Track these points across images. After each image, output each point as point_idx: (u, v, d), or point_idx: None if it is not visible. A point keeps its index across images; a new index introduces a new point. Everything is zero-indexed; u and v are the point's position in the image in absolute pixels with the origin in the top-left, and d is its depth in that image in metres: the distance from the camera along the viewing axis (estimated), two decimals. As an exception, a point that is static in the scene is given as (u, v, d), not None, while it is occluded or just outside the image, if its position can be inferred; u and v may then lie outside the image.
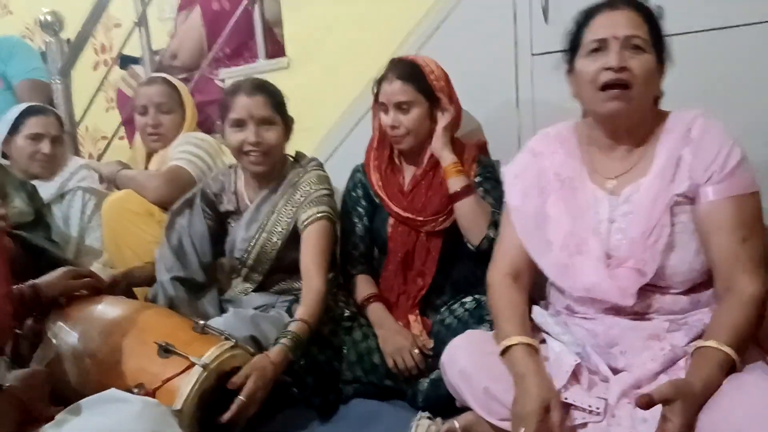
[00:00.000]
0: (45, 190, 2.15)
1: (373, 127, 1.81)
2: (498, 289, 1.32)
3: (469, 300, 1.58)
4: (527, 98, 1.81)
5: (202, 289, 1.78)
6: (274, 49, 2.43)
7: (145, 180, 2.02)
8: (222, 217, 1.83)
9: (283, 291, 1.79)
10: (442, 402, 1.40)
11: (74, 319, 1.46)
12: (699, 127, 1.19)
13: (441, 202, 1.68)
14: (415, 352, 1.56)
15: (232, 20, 2.42)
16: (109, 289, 1.66)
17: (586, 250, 1.23)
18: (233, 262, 1.80)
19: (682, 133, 1.20)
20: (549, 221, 1.29)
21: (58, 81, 2.71)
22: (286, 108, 1.75)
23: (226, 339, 1.36)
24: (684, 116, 1.23)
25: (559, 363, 1.19)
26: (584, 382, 1.17)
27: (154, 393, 1.23)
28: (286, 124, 1.74)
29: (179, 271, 1.74)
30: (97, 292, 1.59)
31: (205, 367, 1.26)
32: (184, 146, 2.10)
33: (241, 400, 1.29)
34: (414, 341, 1.59)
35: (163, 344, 1.30)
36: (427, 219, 1.68)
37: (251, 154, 1.68)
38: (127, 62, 2.93)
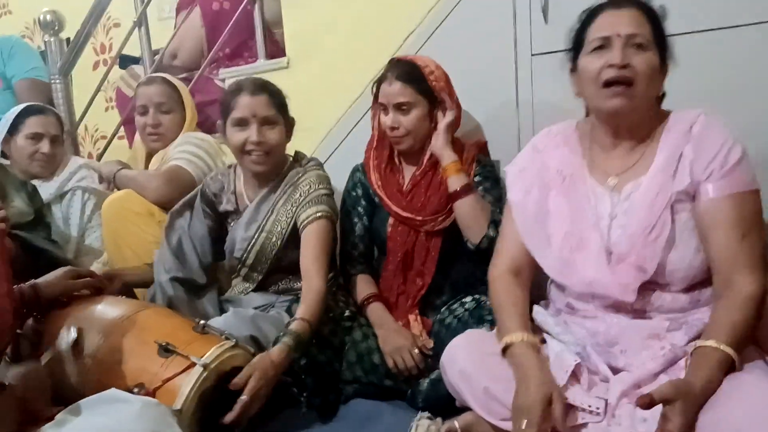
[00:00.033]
0: (45, 190, 2.16)
1: (373, 127, 1.81)
2: (499, 285, 1.33)
3: (469, 300, 1.58)
4: (527, 98, 1.81)
5: (202, 290, 1.78)
6: (273, 49, 2.43)
7: (145, 180, 2.02)
8: (222, 217, 1.83)
9: (282, 291, 1.79)
10: (442, 402, 1.40)
11: (74, 318, 1.45)
12: (700, 124, 1.20)
13: (440, 201, 1.68)
14: (415, 352, 1.56)
15: (232, 20, 2.42)
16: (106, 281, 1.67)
17: (587, 246, 1.24)
18: (233, 262, 1.80)
19: (684, 130, 1.21)
20: (550, 217, 1.30)
21: (58, 81, 2.71)
22: (288, 108, 1.75)
23: (226, 339, 1.37)
24: (686, 114, 1.23)
25: (559, 363, 1.19)
26: (584, 382, 1.17)
27: (154, 393, 1.23)
28: (288, 124, 1.75)
29: (178, 272, 1.74)
30: (98, 292, 1.60)
31: (205, 367, 1.26)
32: (184, 146, 2.09)
33: (244, 399, 1.29)
34: (414, 341, 1.59)
35: (164, 344, 1.30)
36: (427, 218, 1.68)
37: (253, 154, 1.68)
38: (126, 62, 2.92)
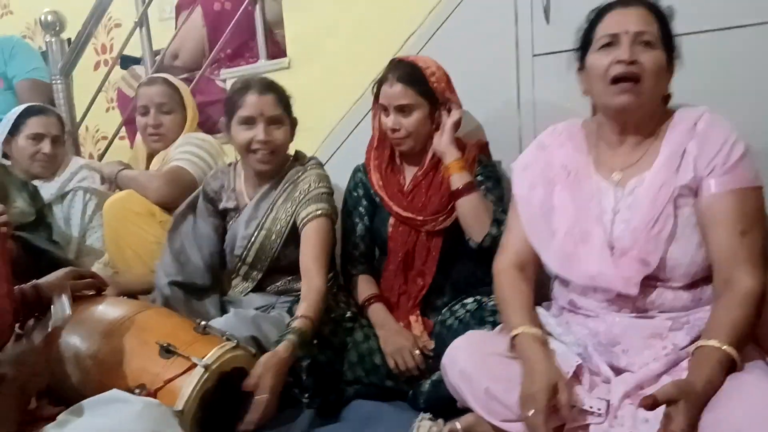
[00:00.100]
0: (46, 191, 2.16)
1: (373, 127, 1.81)
2: (504, 280, 1.34)
3: (470, 301, 1.57)
4: (528, 99, 1.80)
5: (204, 292, 1.78)
6: (275, 49, 2.43)
7: (146, 180, 2.02)
8: (222, 215, 1.84)
9: (282, 292, 1.79)
10: (444, 403, 1.40)
11: (75, 319, 1.45)
12: (704, 121, 1.21)
13: (441, 201, 1.68)
14: (416, 353, 1.56)
15: (233, 21, 2.42)
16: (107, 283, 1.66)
17: (590, 240, 1.25)
18: (233, 260, 1.80)
19: (688, 127, 1.22)
20: (554, 212, 1.31)
21: (59, 81, 2.71)
22: (292, 108, 1.75)
23: (228, 339, 1.36)
24: (690, 112, 1.24)
25: (560, 364, 1.19)
26: (585, 383, 1.18)
27: (155, 394, 1.23)
28: (292, 124, 1.75)
29: (178, 276, 1.75)
30: (99, 293, 1.59)
31: (206, 368, 1.26)
32: (185, 147, 2.10)
33: (265, 397, 1.29)
34: (415, 342, 1.59)
35: (165, 345, 1.30)
36: (428, 218, 1.68)
37: (259, 153, 1.69)
38: (127, 62, 2.93)
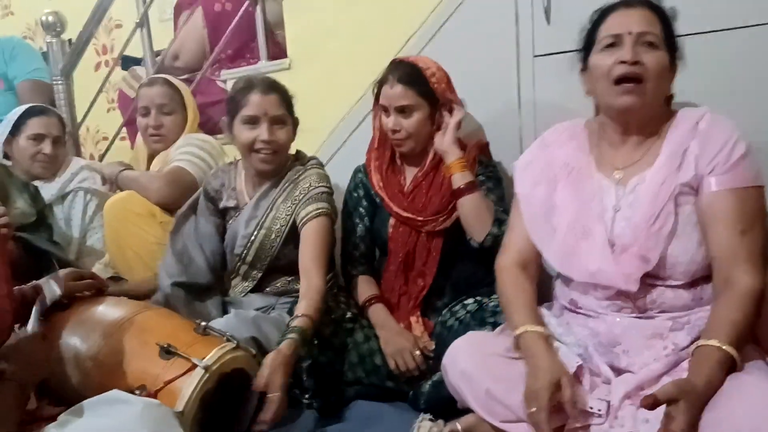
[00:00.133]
0: (46, 191, 2.16)
1: (374, 128, 1.80)
2: (507, 278, 1.34)
3: (471, 302, 1.57)
4: (529, 100, 1.80)
5: (207, 293, 1.78)
6: (275, 50, 2.43)
7: (147, 181, 2.03)
8: (222, 214, 1.84)
9: (282, 293, 1.79)
10: (444, 404, 1.40)
11: (75, 320, 1.45)
12: (706, 121, 1.21)
13: (441, 202, 1.68)
14: (417, 354, 1.56)
15: (234, 21, 2.42)
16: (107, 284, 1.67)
17: (591, 237, 1.25)
18: (233, 259, 1.80)
19: (690, 126, 1.22)
20: (555, 210, 1.32)
21: (60, 82, 2.71)
22: (294, 108, 1.76)
23: (228, 340, 1.36)
24: (692, 112, 1.25)
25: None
26: (586, 384, 1.18)
27: (155, 395, 1.23)
28: (294, 124, 1.75)
29: (181, 276, 1.75)
30: (99, 293, 1.59)
31: (206, 369, 1.25)
32: (186, 147, 2.10)
33: (277, 396, 1.30)
34: (415, 342, 1.59)
35: (165, 346, 1.29)
36: (428, 219, 1.68)
37: (262, 152, 1.69)
38: (128, 63, 2.93)
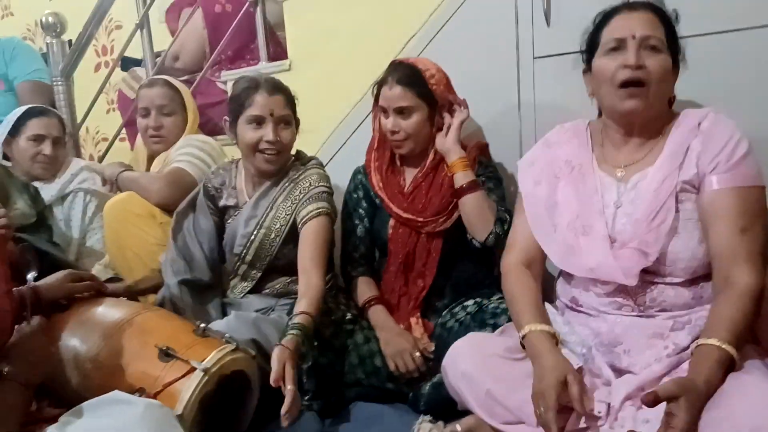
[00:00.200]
0: (46, 192, 2.16)
1: (374, 129, 1.81)
2: (512, 277, 1.35)
3: (471, 303, 1.57)
4: (529, 101, 1.80)
5: (210, 290, 1.78)
6: (276, 51, 2.43)
7: (147, 182, 2.02)
8: (221, 212, 1.84)
9: (282, 294, 1.79)
10: (444, 405, 1.40)
11: (75, 321, 1.45)
12: (709, 120, 1.22)
13: (441, 202, 1.68)
14: (417, 355, 1.56)
15: (234, 22, 2.42)
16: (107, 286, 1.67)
17: (592, 232, 1.26)
18: (232, 258, 1.80)
19: (693, 126, 1.23)
20: (558, 206, 1.33)
21: (60, 82, 2.71)
22: (296, 108, 1.76)
23: (227, 342, 1.36)
24: (695, 112, 1.26)
25: None
26: (586, 385, 1.17)
27: (155, 398, 1.23)
28: (297, 124, 1.76)
29: (186, 274, 1.75)
30: (98, 295, 1.59)
31: (206, 372, 1.25)
32: (186, 148, 2.10)
33: (293, 389, 1.29)
34: (415, 344, 1.59)
35: (164, 348, 1.29)
36: (428, 220, 1.68)
37: (267, 152, 1.69)
38: (128, 64, 2.93)
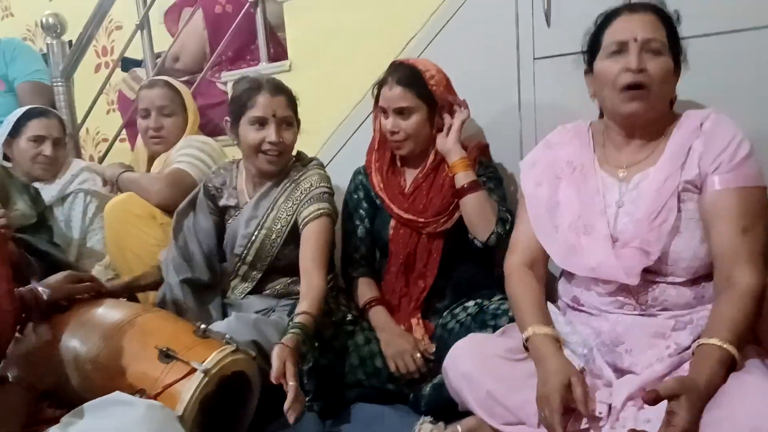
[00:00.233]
0: (46, 193, 2.16)
1: (374, 129, 1.81)
2: (515, 279, 1.35)
3: (472, 304, 1.57)
4: (529, 102, 1.80)
5: (210, 289, 1.78)
6: (276, 52, 2.43)
7: (147, 183, 2.02)
8: (222, 212, 1.84)
9: (282, 294, 1.79)
10: (445, 406, 1.40)
11: (75, 322, 1.45)
12: (711, 121, 1.23)
13: (442, 203, 1.68)
14: (417, 356, 1.56)
15: (234, 23, 2.42)
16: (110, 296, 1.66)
17: (593, 231, 1.26)
18: (233, 259, 1.80)
19: (694, 126, 1.24)
20: (559, 207, 1.33)
21: (60, 83, 2.72)
22: (298, 108, 1.76)
23: (228, 343, 1.36)
24: (697, 113, 1.26)
25: None
26: (588, 387, 1.17)
27: (155, 398, 1.22)
28: (298, 125, 1.76)
29: (187, 273, 1.75)
30: (98, 296, 1.59)
31: (206, 373, 1.25)
32: (187, 149, 2.10)
33: (296, 385, 1.30)
34: (416, 345, 1.59)
35: (164, 349, 1.29)
36: (429, 220, 1.68)
37: (269, 153, 1.69)
38: (128, 65, 2.93)
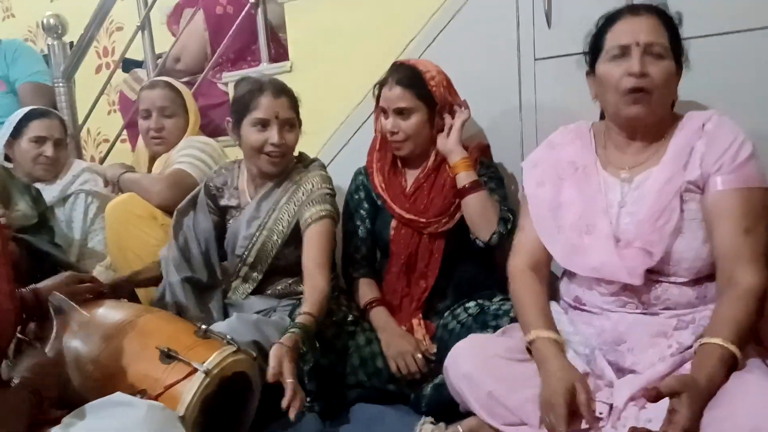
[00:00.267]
0: (48, 193, 2.16)
1: (376, 129, 1.81)
2: (519, 281, 1.35)
3: (473, 305, 1.57)
4: (530, 102, 1.80)
5: (210, 291, 1.78)
6: (277, 52, 2.43)
7: (148, 184, 2.03)
8: (222, 212, 1.84)
9: (283, 295, 1.79)
10: (446, 406, 1.40)
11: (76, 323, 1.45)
12: (713, 122, 1.23)
13: (444, 203, 1.69)
14: (418, 357, 1.56)
15: (235, 24, 2.42)
16: (111, 293, 1.66)
17: (596, 231, 1.26)
18: (233, 260, 1.80)
19: (696, 127, 1.24)
20: (562, 207, 1.33)
21: (61, 84, 2.72)
22: (299, 109, 1.76)
23: (229, 344, 1.36)
24: (699, 114, 1.27)
25: None
26: (590, 387, 1.17)
27: (156, 399, 1.22)
28: (299, 126, 1.76)
29: (187, 271, 1.75)
30: (99, 297, 1.59)
31: (207, 373, 1.25)
32: (188, 150, 2.10)
33: (293, 382, 1.30)
34: (417, 345, 1.59)
35: (165, 350, 1.29)
36: (430, 220, 1.68)
37: (271, 155, 1.69)
38: (129, 65, 2.93)
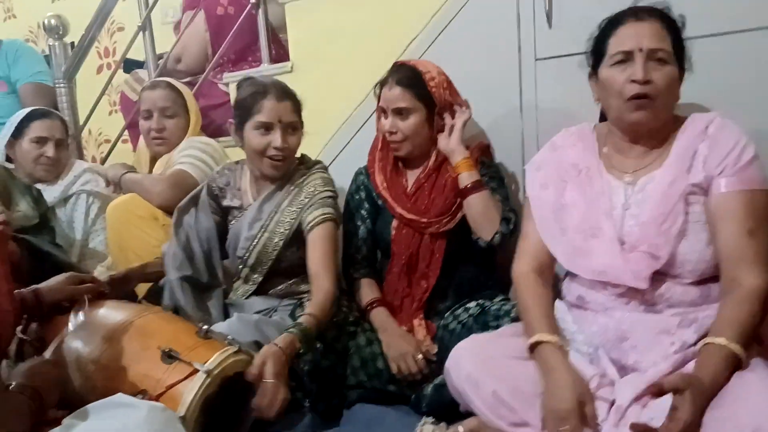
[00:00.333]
0: (49, 194, 2.16)
1: (377, 129, 1.81)
2: (524, 285, 1.35)
3: (474, 306, 1.57)
4: (530, 103, 1.80)
5: (210, 290, 1.78)
6: (278, 53, 2.43)
7: (149, 184, 2.03)
8: (224, 212, 1.84)
9: (284, 295, 1.79)
10: (446, 407, 1.40)
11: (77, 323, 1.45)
12: (716, 125, 1.24)
13: (445, 203, 1.69)
14: (419, 358, 1.56)
15: (236, 25, 2.42)
16: (121, 282, 1.67)
17: (600, 234, 1.26)
18: (234, 261, 1.80)
19: (699, 130, 1.24)
20: (565, 210, 1.33)
21: (62, 84, 2.72)
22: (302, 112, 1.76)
23: (230, 344, 1.36)
24: (701, 117, 1.27)
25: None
26: (593, 386, 1.18)
27: (157, 400, 1.22)
28: (302, 129, 1.76)
29: (187, 270, 1.74)
30: (100, 297, 1.59)
31: (208, 374, 1.24)
32: (189, 150, 2.10)
33: (271, 383, 1.29)
34: (418, 346, 1.59)
35: (167, 350, 1.29)
36: (432, 221, 1.68)
37: (274, 158, 1.69)
38: (131, 66, 2.93)
